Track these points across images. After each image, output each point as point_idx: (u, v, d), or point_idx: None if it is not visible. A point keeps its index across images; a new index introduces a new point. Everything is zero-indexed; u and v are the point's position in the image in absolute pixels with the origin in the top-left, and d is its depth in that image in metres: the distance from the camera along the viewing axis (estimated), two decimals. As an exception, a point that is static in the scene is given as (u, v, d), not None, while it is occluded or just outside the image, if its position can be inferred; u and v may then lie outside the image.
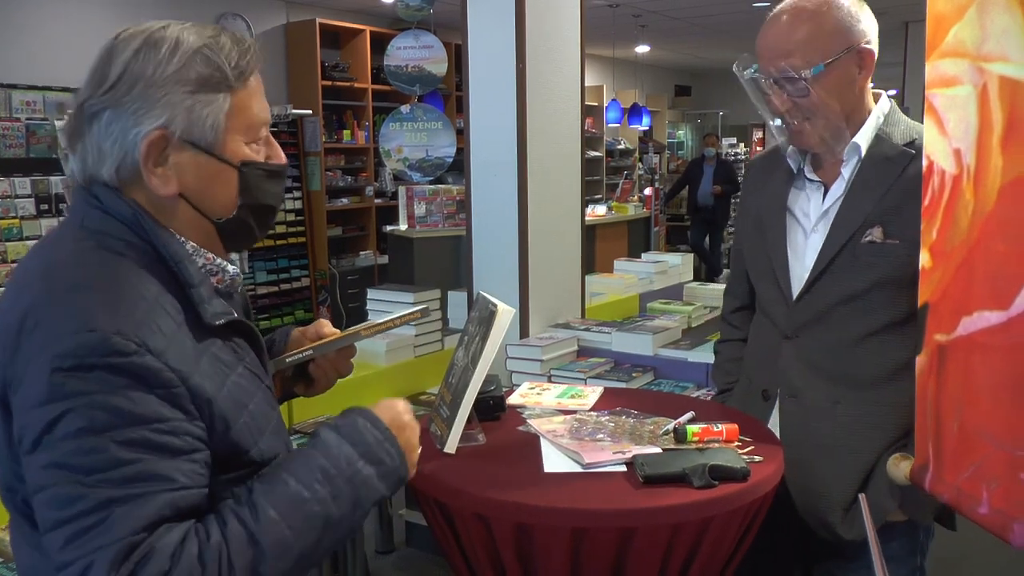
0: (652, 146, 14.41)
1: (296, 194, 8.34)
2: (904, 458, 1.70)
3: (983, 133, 1.40)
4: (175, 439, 1.10)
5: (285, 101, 8.38)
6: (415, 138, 5.56)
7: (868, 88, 1.87)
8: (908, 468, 1.67)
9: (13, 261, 5.84)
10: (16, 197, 5.95)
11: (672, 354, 3.33)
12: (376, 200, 9.16)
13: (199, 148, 1.20)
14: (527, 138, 3.47)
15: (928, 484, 1.60)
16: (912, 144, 1.81)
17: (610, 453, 1.69)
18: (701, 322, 3.89)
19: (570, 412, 1.99)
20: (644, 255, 5.32)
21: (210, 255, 1.26)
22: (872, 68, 1.83)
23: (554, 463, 1.69)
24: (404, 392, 3.40)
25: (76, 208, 1.22)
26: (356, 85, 8.95)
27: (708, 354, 3.26)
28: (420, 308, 1.46)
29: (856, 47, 1.79)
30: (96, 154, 1.19)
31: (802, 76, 1.76)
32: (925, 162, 1.58)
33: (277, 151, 1.30)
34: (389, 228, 5.75)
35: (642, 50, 12.86)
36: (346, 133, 8.94)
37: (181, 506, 1.09)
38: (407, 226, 5.46)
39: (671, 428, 1.79)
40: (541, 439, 1.81)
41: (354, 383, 2.41)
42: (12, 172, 5.96)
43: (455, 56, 6.31)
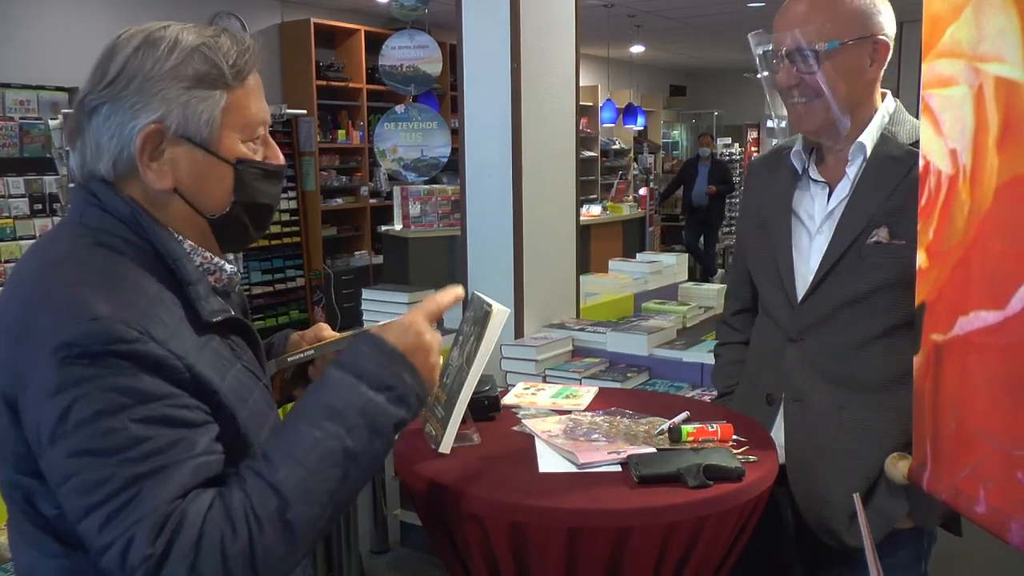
0: (647, 146, 14.42)
1: (291, 194, 8.33)
2: (902, 457, 1.70)
3: (979, 133, 1.40)
4: (188, 412, 1.12)
5: (280, 101, 8.37)
6: (410, 138, 5.56)
7: (878, 85, 1.85)
8: (906, 467, 1.67)
9: (7, 261, 5.82)
10: (10, 197, 5.93)
11: (667, 354, 3.33)
12: (371, 200, 9.16)
13: (194, 143, 1.21)
14: (522, 138, 3.47)
15: (926, 483, 1.60)
16: (918, 144, 1.78)
17: (605, 453, 1.68)
18: (696, 322, 3.89)
19: (565, 412, 1.99)
20: (639, 255, 5.33)
21: (207, 254, 1.27)
22: (884, 64, 1.80)
23: (549, 463, 1.69)
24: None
25: (75, 206, 1.23)
26: (351, 85, 8.94)
27: (703, 354, 3.26)
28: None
29: (873, 37, 1.77)
30: (95, 149, 1.20)
31: (815, 48, 1.73)
32: (922, 162, 1.58)
33: (275, 151, 1.31)
34: (384, 228, 5.73)
35: (637, 50, 12.87)
36: (341, 133, 8.94)
37: (205, 473, 1.11)
38: (402, 226, 5.44)
39: (666, 428, 1.79)
40: (536, 439, 1.81)
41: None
42: (6, 172, 5.94)
43: (450, 56, 6.31)
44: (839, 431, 1.82)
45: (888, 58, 1.81)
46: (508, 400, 2.11)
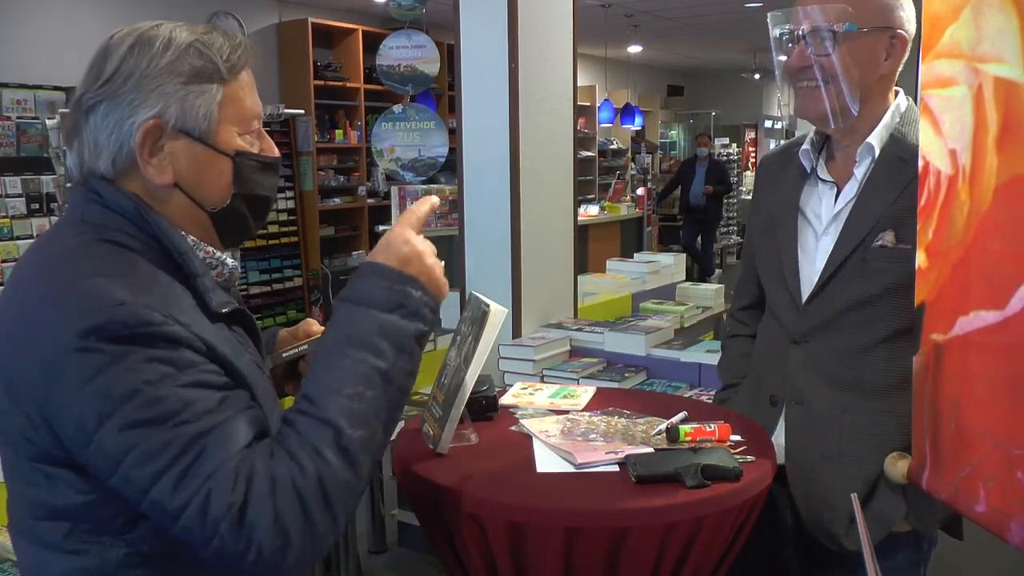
0: (644, 146, 14.43)
1: (288, 194, 8.33)
2: (901, 457, 1.69)
3: (978, 134, 1.39)
4: (223, 377, 1.16)
5: (277, 101, 8.36)
6: (407, 138, 5.55)
7: (892, 83, 1.82)
8: (905, 467, 1.67)
9: (5, 261, 5.81)
10: (6, 196, 5.92)
11: (664, 354, 3.33)
12: (369, 200, 9.15)
13: (193, 137, 1.22)
14: (519, 138, 3.46)
15: (925, 483, 1.60)
16: None
17: (603, 453, 1.68)
18: (693, 322, 3.89)
19: (563, 412, 1.99)
20: (636, 255, 5.33)
21: (209, 249, 1.28)
22: (900, 61, 1.78)
23: (547, 463, 1.68)
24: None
25: (75, 204, 1.23)
26: (348, 85, 8.94)
27: (701, 354, 3.26)
28: None
29: (892, 30, 1.74)
30: (93, 147, 1.21)
31: (832, 29, 1.71)
32: (921, 162, 1.58)
33: (270, 144, 1.33)
34: (381, 228, 5.73)
35: (634, 50, 12.86)
36: (338, 133, 8.93)
37: (258, 424, 1.16)
38: (399, 226, 5.43)
39: (664, 428, 1.79)
40: (534, 439, 1.81)
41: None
42: (3, 171, 5.94)
43: (447, 56, 6.27)
44: (840, 435, 1.81)
45: (905, 56, 1.78)
46: (506, 400, 2.11)
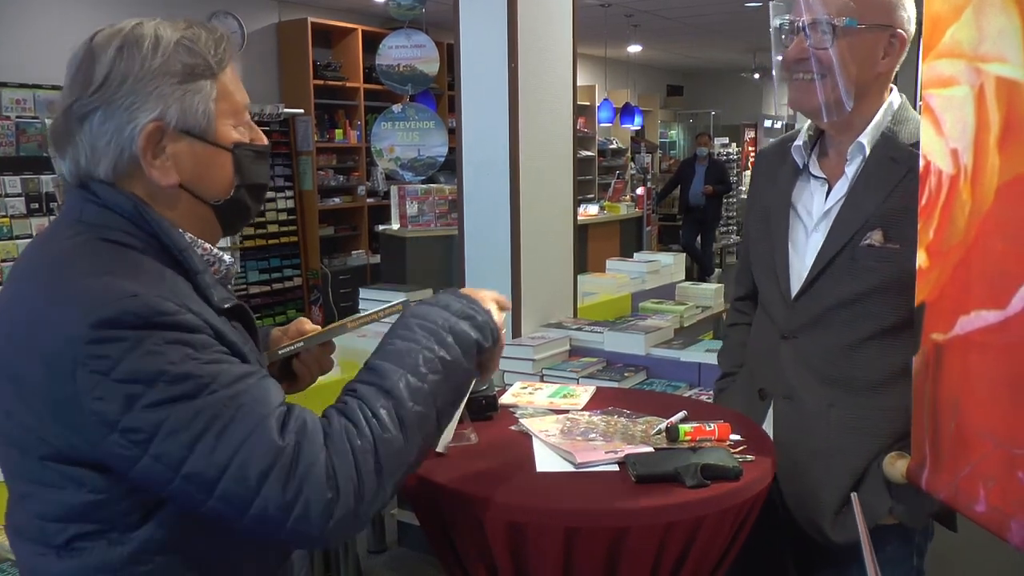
0: (644, 146, 14.43)
1: (288, 193, 8.33)
2: (900, 457, 1.69)
3: (980, 133, 1.39)
4: (237, 358, 1.16)
5: (277, 100, 8.36)
6: (407, 137, 5.56)
7: (888, 81, 1.83)
8: (904, 467, 1.67)
9: (3, 260, 5.81)
10: (6, 196, 5.92)
11: (664, 353, 3.33)
12: (368, 199, 9.16)
13: (194, 136, 1.22)
14: (519, 138, 3.46)
15: (925, 483, 1.59)
16: (919, 144, 1.77)
17: (602, 453, 1.68)
18: (693, 322, 3.89)
19: (562, 412, 1.98)
20: (636, 255, 5.33)
21: (207, 246, 1.28)
22: (897, 60, 1.79)
23: (546, 463, 1.68)
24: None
25: (71, 204, 1.22)
26: (348, 84, 8.93)
27: (700, 354, 3.26)
28: (401, 301, 1.48)
29: (891, 29, 1.75)
30: (90, 153, 1.19)
31: (833, 22, 1.71)
32: (922, 162, 1.58)
33: (259, 133, 1.35)
34: (381, 227, 5.73)
35: (634, 50, 12.86)
36: (338, 132, 8.93)
37: (282, 392, 1.17)
38: (399, 225, 5.44)
39: (663, 427, 1.79)
40: (533, 439, 1.80)
41: (344, 382, 2.39)
42: (2, 171, 5.94)
43: (447, 55, 6.29)
44: (827, 430, 1.83)
45: (903, 56, 1.79)
46: (505, 400, 2.10)
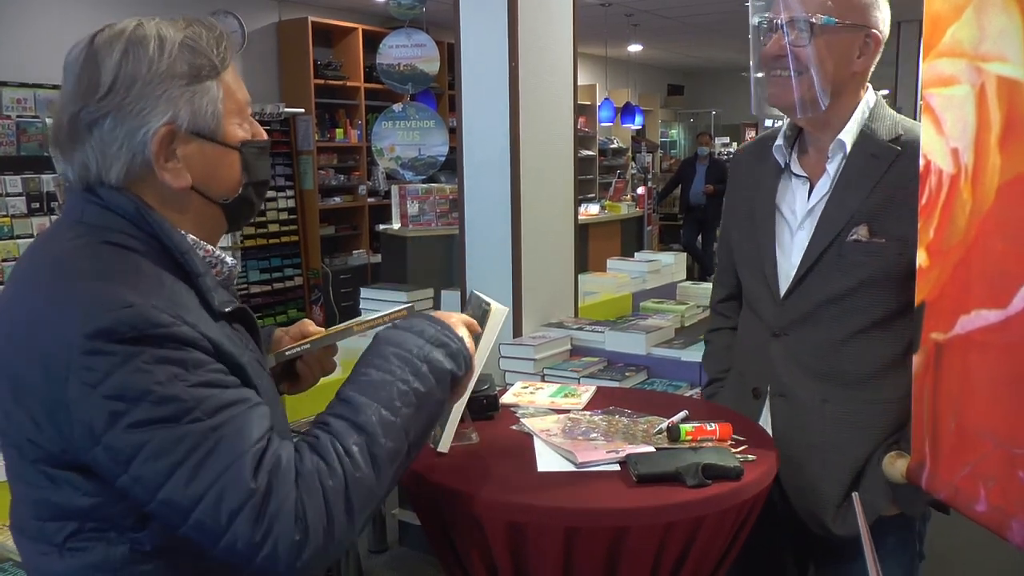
0: (645, 145, 14.42)
1: (289, 193, 8.33)
2: (900, 456, 1.70)
3: (981, 132, 1.39)
4: (231, 376, 1.16)
5: (278, 100, 8.36)
6: (408, 137, 5.55)
7: (864, 81, 1.86)
8: (904, 466, 1.67)
9: (5, 260, 5.80)
10: (7, 195, 5.92)
11: (665, 353, 3.32)
12: (369, 199, 9.15)
13: (204, 137, 1.23)
14: (520, 137, 3.46)
15: (925, 482, 1.59)
16: (897, 140, 1.80)
17: (603, 452, 1.68)
18: (694, 321, 3.88)
19: (563, 411, 1.99)
20: (637, 254, 5.32)
21: (209, 247, 1.28)
22: (873, 59, 1.82)
23: (547, 462, 1.68)
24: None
25: (72, 205, 1.22)
26: (348, 84, 8.93)
27: (701, 353, 3.25)
28: (407, 307, 1.50)
29: (867, 29, 1.78)
30: (100, 160, 1.19)
31: (811, 20, 1.73)
32: (922, 161, 1.58)
33: (259, 128, 1.35)
34: (382, 227, 5.72)
35: (635, 49, 12.87)
36: (339, 132, 8.92)
37: (269, 420, 1.15)
38: (400, 225, 5.43)
39: (664, 427, 1.79)
40: (534, 438, 1.80)
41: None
42: (3, 170, 5.93)
43: (448, 55, 6.28)
44: (823, 425, 1.84)
45: (877, 57, 1.82)
46: (506, 399, 2.11)
